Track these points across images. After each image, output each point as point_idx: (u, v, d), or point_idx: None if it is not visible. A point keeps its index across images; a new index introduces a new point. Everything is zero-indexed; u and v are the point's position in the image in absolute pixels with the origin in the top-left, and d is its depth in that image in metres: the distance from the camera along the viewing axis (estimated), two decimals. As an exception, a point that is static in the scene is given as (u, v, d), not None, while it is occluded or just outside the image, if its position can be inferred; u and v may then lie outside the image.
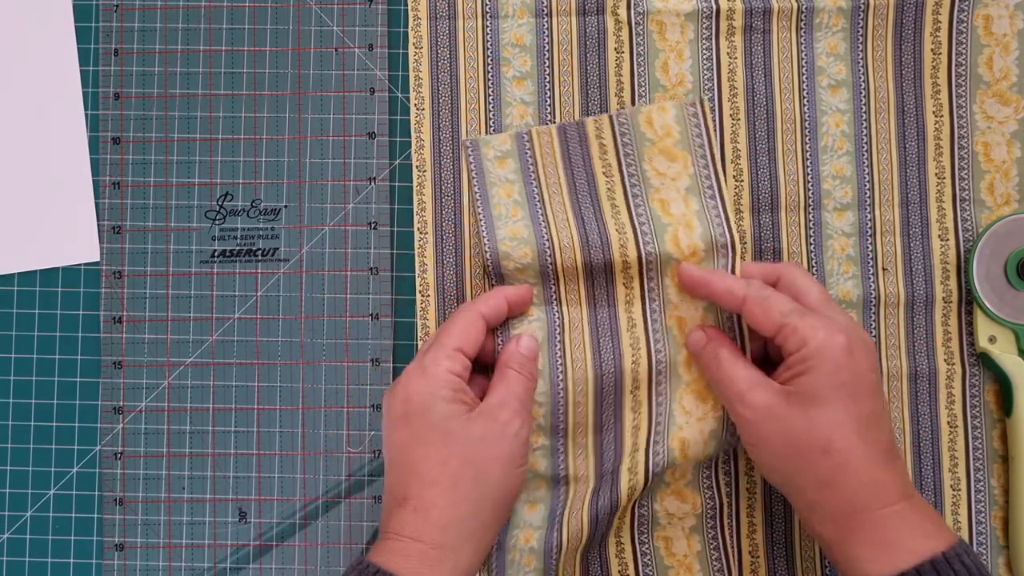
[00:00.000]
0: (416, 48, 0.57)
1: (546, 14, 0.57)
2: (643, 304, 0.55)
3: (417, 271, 0.57)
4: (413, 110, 0.57)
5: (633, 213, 0.55)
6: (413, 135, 0.57)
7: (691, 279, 0.53)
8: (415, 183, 0.57)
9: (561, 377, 0.55)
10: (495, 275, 0.55)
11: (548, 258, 0.55)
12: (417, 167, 0.57)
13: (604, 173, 0.56)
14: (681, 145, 0.55)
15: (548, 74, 0.57)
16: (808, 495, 0.48)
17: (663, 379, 0.55)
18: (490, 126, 0.57)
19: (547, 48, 0.57)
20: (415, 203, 0.57)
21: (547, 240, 0.55)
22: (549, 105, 0.57)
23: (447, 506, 0.49)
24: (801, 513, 0.50)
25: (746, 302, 0.51)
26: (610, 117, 0.56)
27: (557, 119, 0.57)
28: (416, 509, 0.49)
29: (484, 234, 0.55)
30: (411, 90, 0.57)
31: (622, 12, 0.56)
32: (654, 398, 0.55)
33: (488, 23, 0.57)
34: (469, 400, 0.51)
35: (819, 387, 0.48)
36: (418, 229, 0.57)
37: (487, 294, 0.54)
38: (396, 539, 0.48)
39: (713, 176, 0.55)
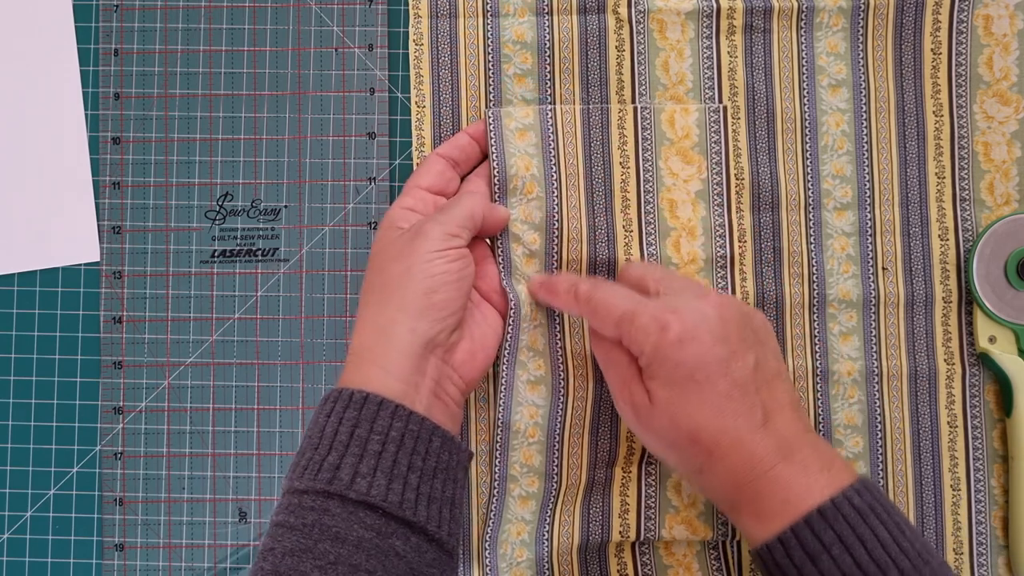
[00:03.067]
0: (417, 46, 0.57)
1: (547, 12, 0.57)
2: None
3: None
4: (414, 108, 0.57)
5: (642, 210, 0.55)
6: (414, 133, 0.57)
7: (534, 289, 0.54)
8: (415, 181, 0.57)
9: (563, 381, 0.55)
10: (504, 260, 0.55)
11: (555, 249, 0.55)
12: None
13: (621, 163, 0.56)
14: (698, 149, 0.56)
15: (549, 72, 0.57)
16: (694, 479, 0.49)
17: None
18: (489, 125, 0.57)
19: (548, 46, 0.57)
20: (416, 202, 0.57)
21: (557, 230, 0.55)
22: (550, 103, 0.57)
23: (360, 316, 0.50)
24: (701, 492, 0.51)
25: (582, 313, 0.51)
26: (635, 108, 0.56)
27: (558, 116, 0.57)
28: (356, 328, 0.51)
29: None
30: (412, 88, 0.57)
31: (623, 10, 0.56)
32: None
33: (489, 21, 0.57)
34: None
35: (666, 387, 0.47)
36: (419, 228, 0.57)
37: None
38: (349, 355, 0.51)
39: (724, 184, 0.55)
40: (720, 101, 0.56)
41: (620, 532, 0.54)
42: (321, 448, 0.46)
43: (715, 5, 0.56)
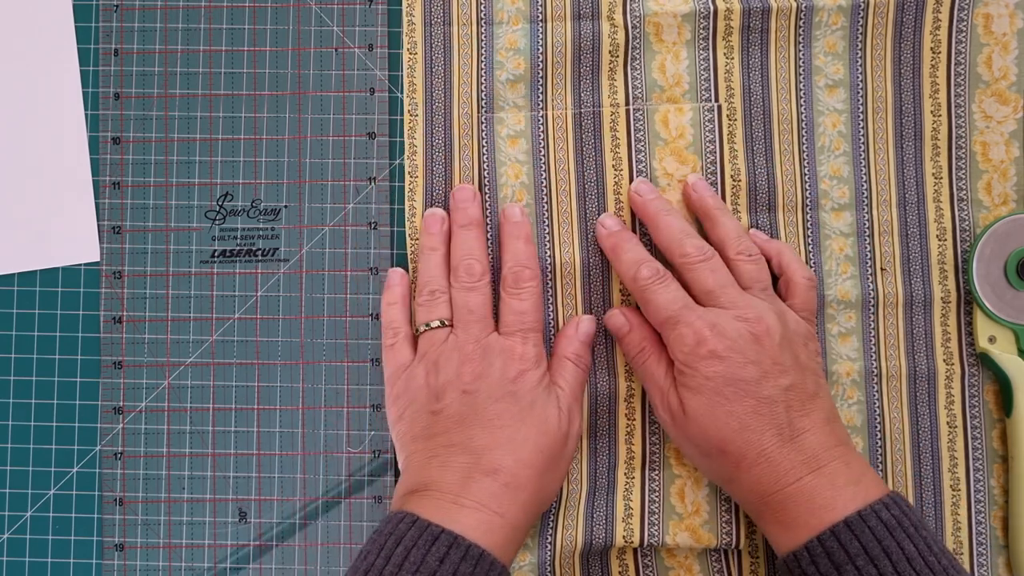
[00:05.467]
0: (411, 53, 0.57)
1: (541, 20, 0.57)
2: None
3: (410, 275, 0.57)
4: (407, 116, 0.57)
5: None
6: (406, 140, 0.57)
7: (604, 243, 0.55)
8: (407, 188, 0.57)
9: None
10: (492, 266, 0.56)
11: (547, 253, 0.55)
12: (409, 173, 0.57)
13: (614, 167, 0.56)
14: (692, 149, 0.55)
15: (541, 77, 0.57)
16: (724, 486, 0.52)
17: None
18: (482, 130, 0.57)
19: (541, 51, 0.57)
20: (406, 208, 0.57)
21: (547, 234, 0.56)
22: (542, 108, 0.57)
23: (534, 490, 0.50)
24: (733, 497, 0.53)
25: (634, 293, 0.53)
26: (627, 110, 0.56)
27: (550, 122, 0.57)
28: (507, 484, 0.49)
29: (488, 216, 0.56)
30: (405, 95, 0.57)
31: (618, 16, 0.56)
32: (647, 405, 0.56)
33: (483, 29, 0.57)
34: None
35: (696, 397, 0.50)
36: (409, 235, 0.57)
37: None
38: (480, 510, 0.48)
39: (718, 183, 0.55)
40: (716, 102, 0.56)
41: (624, 537, 0.54)
42: None
43: (712, 7, 0.56)
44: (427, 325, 0.54)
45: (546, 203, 0.56)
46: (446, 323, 0.53)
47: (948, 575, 0.45)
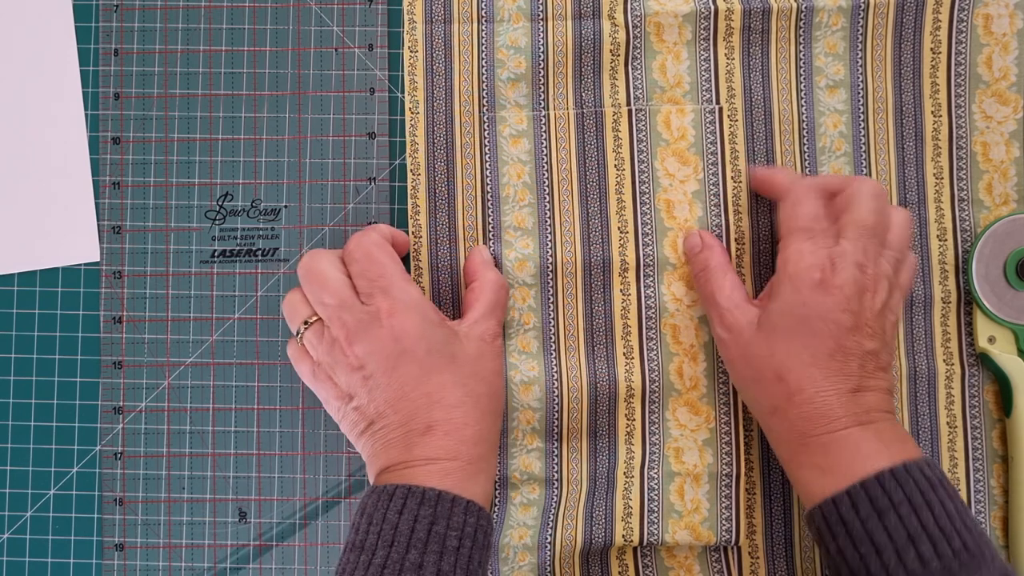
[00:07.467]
0: (411, 52, 0.57)
1: (542, 18, 0.57)
2: (639, 311, 0.56)
3: (412, 275, 0.57)
4: (408, 114, 0.57)
5: (638, 211, 0.55)
6: (408, 138, 0.57)
7: (758, 178, 0.55)
8: (409, 186, 0.57)
9: (556, 384, 0.55)
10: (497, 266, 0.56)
11: (549, 253, 0.55)
12: (411, 171, 0.57)
13: (616, 166, 0.56)
14: (694, 149, 0.56)
15: (543, 76, 0.57)
16: (765, 418, 0.51)
17: (656, 387, 0.55)
18: (484, 128, 0.57)
19: (542, 50, 0.57)
20: (409, 206, 0.57)
21: (549, 233, 0.56)
22: (543, 107, 0.57)
23: (475, 423, 0.50)
24: (766, 434, 0.52)
25: (780, 200, 0.52)
26: (629, 111, 0.56)
27: (552, 121, 0.57)
28: (448, 432, 0.50)
29: (490, 215, 0.56)
30: (406, 93, 0.57)
31: (619, 16, 0.56)
32: (647, 406, 0.56)
33: (484, 27, 0.57)
34: (446, 319, 0.53)
35: (781, 317, 0.49)
36: (413, 233, 0.57)
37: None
38: (431, 463, 0.49)
39: (720, 184, 0.55)
40: (717, 103, 0.56)
41: (623, 536, 0.54)
42: (397, 547, 0.46)
43: (712, 7, 0.56)
44: (300, 327, 0.52)
45: (548, 203, 0.56)
46: (313, 320, 0.52)
47: (984, 539, 0.45)
